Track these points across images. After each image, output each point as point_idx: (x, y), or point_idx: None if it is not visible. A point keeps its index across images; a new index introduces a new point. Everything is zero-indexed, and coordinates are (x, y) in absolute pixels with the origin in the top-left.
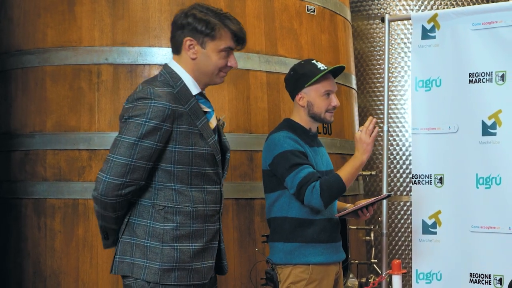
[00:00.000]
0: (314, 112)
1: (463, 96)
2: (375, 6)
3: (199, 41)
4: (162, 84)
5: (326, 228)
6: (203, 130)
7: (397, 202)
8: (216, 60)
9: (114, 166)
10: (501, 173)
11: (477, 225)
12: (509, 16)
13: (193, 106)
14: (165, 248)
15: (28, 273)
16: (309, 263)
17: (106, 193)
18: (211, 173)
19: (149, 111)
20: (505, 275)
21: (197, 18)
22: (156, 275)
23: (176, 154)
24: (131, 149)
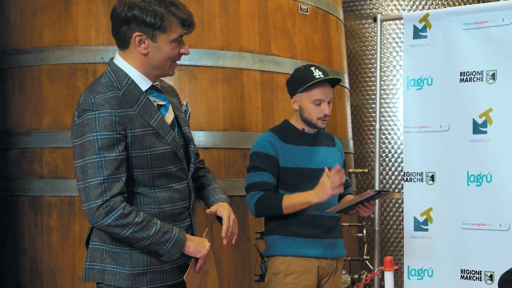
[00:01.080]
0: (305, 117)
1: (454, 95)
2: (367, 6)
3: (149, 35)
4: (106, 88)
5: (309, 223)
6: (159, 128)
7: (389, 200)
8: (168, 52)
9: (89, 191)
10: (491, 170)
11: (468, 222)
12: (500, 16)
13: (144, 105)
14: (134, 252)
15: (25, 269)
16: (287, 254)
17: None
18: (174, 171)
19: (95, 125)
20: (495, 271)
21: (142, 9)
22: (127, 281)
23: (134, 159)
24: (99, 168)
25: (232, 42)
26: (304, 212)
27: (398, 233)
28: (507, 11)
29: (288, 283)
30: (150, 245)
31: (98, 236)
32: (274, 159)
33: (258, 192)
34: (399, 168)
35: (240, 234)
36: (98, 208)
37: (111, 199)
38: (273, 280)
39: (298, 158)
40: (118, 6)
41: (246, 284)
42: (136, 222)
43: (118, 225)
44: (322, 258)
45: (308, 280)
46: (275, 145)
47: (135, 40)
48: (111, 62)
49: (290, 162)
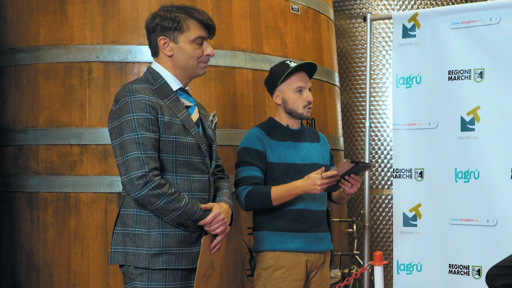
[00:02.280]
0: (290, 108)
1: (442, 93)
2: (357, 5)
3: (171, 37)
4: (141, 81)
5: (296, 218)
6: (185, 121)
7: (379, 196)
8: (191, 51)
9: (129, 163)
10: (479, 167)
11: (456, 217)
12: (487, 15)
13: (173, 100)
14: (151, 233)
15: (21, 264)
16: (275, 249)
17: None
18: (197, 162)
19: (132, 107)
20: (483, 266)
21: (162, 17)
22: (145, 261)
23: (161, 143)
24: (136, 143)
25: (225, 41)
26: (292, 207)
27: (387, 228)
28: (494, 11)
29: (277, 277)
30: (181, 216)
31: (121, 221)
32: (263, 154)
33: (248, 186)
34: (388, 164)
35: (232, 229)
36: (138, 178)
37: (149, 172)
38: (262, 275)
39: (283, 153)
40: (148, 19)
41: (238, 279)
42: (170, 193)
43: (155, 195)
44: (310, 252)
45: (297, 274)
46: (263, 141)
47: (160, 44)
48: (149, 67)
49: (276, 157)
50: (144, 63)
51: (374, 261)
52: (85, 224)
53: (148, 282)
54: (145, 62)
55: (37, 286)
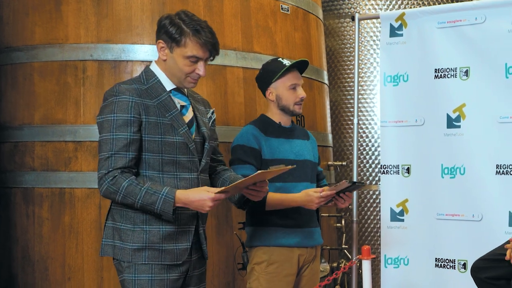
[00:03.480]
0: (283, 105)
1: (429, 91)
2: (345, 5)
3: (168, 45)
4: (132, 81)
5: (289, 214)
6: (173, 121)
7: (367, 191)
8: (182, 66)
9: (100, 162)
10: (465, 163)
11: (442, 212)
12: (473, 15)
13: (164, 100)
14: (136, 230)
15: (17, 258)
16: (269, 245)
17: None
18: (184, 161)
19: (115, 107)
20: (468, 260)
21: (172, 22)
22: (128, 255)
23: (146, 143)
24: (110, 144)
25: None
26: None
27: (375, 223)
28: (479, 11)
29: (270, 272)
30: (143, 207)
31: (111, 215)
32: (258, 152)
33: None
34: (376, 161)
35: (224, 224)
36: (102, 177)
37: (113, 170)
38: (255, 269)
39: (278, 150)
40: (163, 16)
41: (229, 273)
42: (123, 187)
43: (111, 192)
44: (302, 247)
45: (289, 269)
46: (258, 138)
47: (158, 46)
48: (147, 67)
49: (270, 154)
50: (137, 61)
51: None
52: (80, 219)
53: (135, 274)
54: (138, 61)
55: (32, 279)
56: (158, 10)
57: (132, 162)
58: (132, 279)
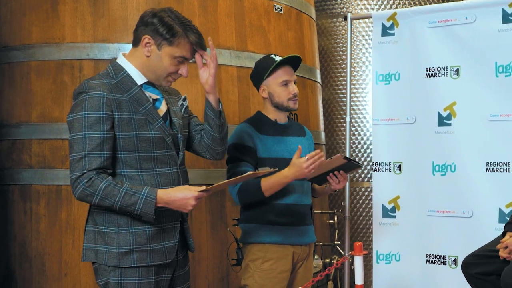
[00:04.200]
0: (276, 101)
1: (420, 89)
2: (338, 5)
3: (157, 42)
4: (101, 76)
5: (285, 212)
6: (147, 115)
7: (359, 188)
8: (167, 65)
9: (72, 164)
10: (455, 161)
11: (433, 209)
12: (463, 14)
13: (135, 94)
14: (121, 232)
15: (14, 254)
16: (264, 242)
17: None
18: (161, 156)
19: (85, 104)
20: (459, 256)
21: (162, 21)
22: (115, 259)
23: (121, 141)
24: (82, 143)
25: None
26: (281, 201)
27: (367, 220)
28: (470, 10)
29: (265, 269)
30: (122, 208)
31: (92, 219)
32: (253, 150)
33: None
34: (368, 158)
35: (218, 220)
36: (76, 179)
37: (88, 172)
38: (250, 266)
39: (273, 148)
40: (148, 12)
41: (223, 268)
42: (100, 189)
43: (87, 194)
44: (297, 245)
45: (284, 266)
46: (252, 136)
47: (143, 41)
48: (112, 60)
49: (266, 152)
50: None
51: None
52: (76, 216)
53: (121, 277)
54: None
55: (30, 275)
56: None
57: (107, 162)
58: (118, 282)
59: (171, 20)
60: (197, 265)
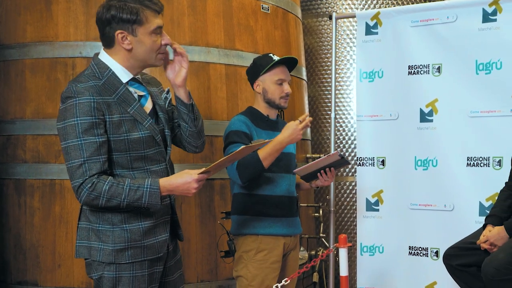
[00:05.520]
0: (269, 98)
1: (403, 87)
2: (323, 5)
3: (129, 30)
4: (87, 78)
5: (276, 204)
6: (136, 115)
7: (343, 182)
8: (151, 44)
9: (73, 171)
10: (437, 156)
11: (416, 203)
12: (445, 14)
13: (122, 94)
14: (115, 230)
15: (9, 246)
16: (258, 234)
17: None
18: (152, 154)
19: (76, 110)
20: (440, 248)
21: (118, 8)
22: (110, 256)
23: (113, 143)
24: (80, 150)
25: (200, 38)
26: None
27: (351, 213)
28: (451, 10)
29: (258, 259)
30: (130, 204)
31: (85, 216)
32: (249, 136)
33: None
34: (352, 153)
35: (207, 213)
36: (79, 186)
37: (90, 178)
38: (244, 257)
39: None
40: (99, 10)
41: (212, 260)
42: (104, 190)
43: (93, 198)
44: (287, 236)
45: (276, 256)
46: (249, 126)
47: (118, 37)
48: (95, 57)
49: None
50: None
51: (339, 243)
52: (69, 209)
53: (116, 272)
54: None
55: (24, 266)
56: None
57: (105, 165)
58: (113, 276)
59: (123, 4)
60: (187, 257)
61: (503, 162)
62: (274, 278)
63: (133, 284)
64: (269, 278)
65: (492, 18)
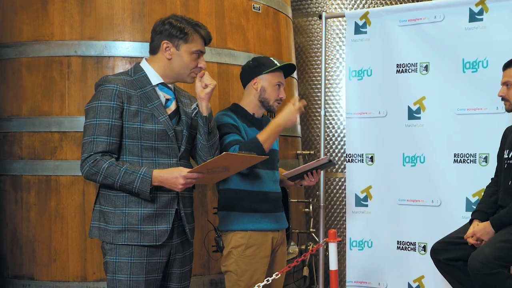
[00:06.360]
0: (264, 97)
1: (391, 85)
2: (313, 4)
3: (174, 43)
4: (120, 73)
5: (264, 199)
6: (154, 110)
7: (333, 178)
8: (188, 61)
9: (84, 146)
10: (424, 152)
11: (404, 198)
12: (432, 13)
13: (147, 92)
14: (116, 212)
15: (6, 241)
16: (247, 229)
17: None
18: (162, 148)
19: (100, 95)
20: (428, 243)
21: (173, 25)
22: (110, 236)
23: (126, 130)
24: (92, 129)
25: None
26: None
27: (341, 208)
28: (438, 10)
29: (248, 255)
30: (122, 186)
31: (98, 200)
32: (238, 127)
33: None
34: (342, 150)
35: (199, 209)
36: (84, 160)
37: (94, 154)
38: (233, 253)
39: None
40: (157, 22)
41: (204, 254)
42: (103, 168)
43: (92, 173)
44: (275, 231)
45: (265, 251)
46: (235, 119)
47: (162, 47)
48: (136, 63)
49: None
50: (118, 57)
51: (328, 238)
52: (65, 205)
53: (116, 256)
54: (119, 57)
55: (20, 261)
56: (138, 10)
57: (113, 146)
58: (113, 261)
59: (179, 23)
60: None
61: (489, 159)
62: (263, 272)
63: (131, 270)
64: (258, 273)
65: (478, 18)
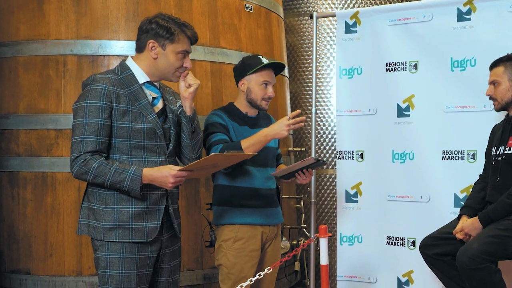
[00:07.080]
0: (251, 97)
1: (381, 83)
2: (304, 4)
3: (161, 43)
4: (107, 72)
5: (254, 195)
6: (142, 109)
7: (324, 175)
8: (173, 61)
9: (73, 145)
10: (414, 149)
11: (393, 194)
12: (421, 13)
13: (135, 91)
14: (107, 210)
15: (3, 236)
16: (235, 223)
17: (71, 168)
18: (151, 146)
19: (89, 95)
20: (417, 238)
21: (159, 24)
22: (101, 233)
23: (115, 129)
24: (82, 128)
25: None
26: (248, 186)
27: (331, 204)
28: (427, 9)
29: (237, 248)
30: (113, 185)
31: (87, 196)
32: (226, 127)
33: (219, 145)
34: (332, 147)
35: (192, 205)
36: (74, 159)
37: (84, 153)
38: (223, 246)
39: (242, 136)
40: (144, 21)
41: (198, 249)
42: (93, 168)
43: (82, 173)
44: (265, 225)
45: (254, 245)
46: (225, 119)
47: (148, 46)
48: (122, 61)
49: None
50: (113, 56)
51: (319, 233)
52: (61, 200)
53: (107, 252)
54: (114, 55)
55: (17, 256)
56: (132, 9)
57: (102, 146)
58: (105, 257)
59: (166, 22)
60: None
61: (477, 155)
62: (253, 266)
63: (123, 265)
64: (248, 266)
65: (466, 17)
